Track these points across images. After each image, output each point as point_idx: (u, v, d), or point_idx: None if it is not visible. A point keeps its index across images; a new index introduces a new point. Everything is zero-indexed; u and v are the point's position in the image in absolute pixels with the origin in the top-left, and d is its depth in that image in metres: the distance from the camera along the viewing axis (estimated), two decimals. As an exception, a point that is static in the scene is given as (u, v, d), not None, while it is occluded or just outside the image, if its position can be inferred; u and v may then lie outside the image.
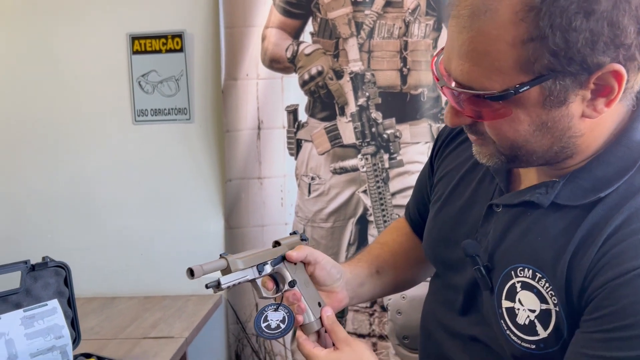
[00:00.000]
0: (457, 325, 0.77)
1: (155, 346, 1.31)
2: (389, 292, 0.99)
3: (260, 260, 0.81)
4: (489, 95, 0.59)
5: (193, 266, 0.72)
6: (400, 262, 0.98)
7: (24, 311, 1.11)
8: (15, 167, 1.81)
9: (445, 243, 0.81)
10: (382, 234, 1.08)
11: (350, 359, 0.74)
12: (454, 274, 0.79)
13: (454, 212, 0.81)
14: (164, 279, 1.80)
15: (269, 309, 0.81)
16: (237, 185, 1.75)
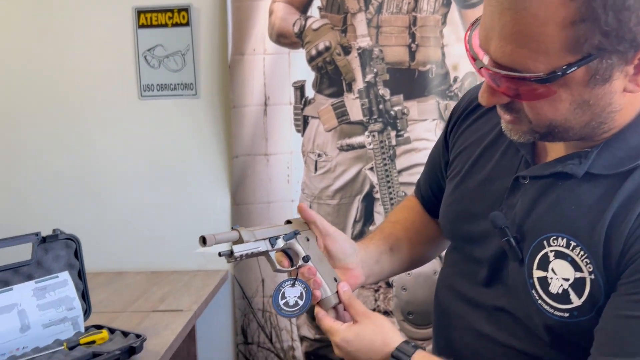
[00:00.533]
0: (480, 297, 0.78)
1: (165, 319, 1.32)
2: (404, 270, 1.00)
3: (272, 234, 0.81)
4: (534, 77, 0.59)
5: (206, 234, 0.73)
6: (413, 239, 0.98)
7: (35, 282, 1.12)
8: (22, 143, 1.80)
9: (467, 217, 0.81)
10: (393, 212, 1.08)
11: (371, 331, 0.75)
12: (475, 247, 0.79)
13: (475, 186, 0.81)
14: (170, 254, 1.81)
15: (285, 284, 0.81)
16: (243, 162, 1.74)
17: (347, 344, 0.75)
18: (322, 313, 0.79)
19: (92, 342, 1.09)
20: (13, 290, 1.08)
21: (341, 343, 0.75)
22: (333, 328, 0.77)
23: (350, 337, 0.75)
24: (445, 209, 0.87)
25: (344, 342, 0.75)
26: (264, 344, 1.80)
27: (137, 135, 1.78)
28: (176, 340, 1.22)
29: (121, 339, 1.13)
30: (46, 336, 1.10)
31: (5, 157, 1.80)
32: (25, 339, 1.07)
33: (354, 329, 0.76)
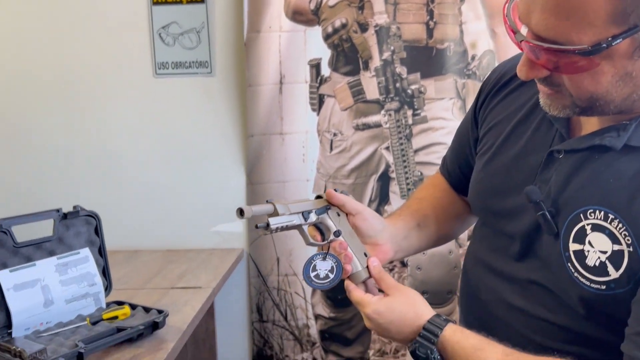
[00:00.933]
0: (512, 271, 0.77)
1: (184, 295, 1.33)
2: (431, 246, 1.00)
3: (305, 208, 0.83)
4: (578, 50, 0.58)
5: (243, 206, 0.74)
6: (440, 216, 0.98)
7: (57, 258, 1.13)
8: (37, 121, 1.80)
9: (498, 192, 0.81)
10: (419, 189, 1.08)
11: (402, 304, 0.75)
12: (507, 222, 0.79)
13: (507, 161, 0.80)
14: (186, 233, 1.81)
15: (317, 258, 0.82)
16: (258, 141, 1.74)
17: (379, 315, 0.75)
18: (352, 286, 0.80)
19: (115, 318, 1.10)
20: (36, 265, 1.09)
21: (372, 315, 0.75)
22: (364, 300, 0.77)
23: (381, 308, 0.75)
24: (475, 185, 0.87)
25: (376, 313, 0.75)
26: (279, 322, 1.81)
27: (152, 113, 1.77)
28: (197, 316, 1.22)
29: (143, 314, 1.14)
30: (69, 311, 1.11)
31: (23, 137, 1.80)
32: (49, 314, 1.08)
33: (385, 301, 0.76)
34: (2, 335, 1.01)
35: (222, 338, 1.82)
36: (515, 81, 0.85)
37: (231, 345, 1.84)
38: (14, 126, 1.80)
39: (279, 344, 1.82)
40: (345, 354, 1.81)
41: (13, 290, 1.03)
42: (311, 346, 1.81)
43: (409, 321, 0.74)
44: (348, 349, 1.81)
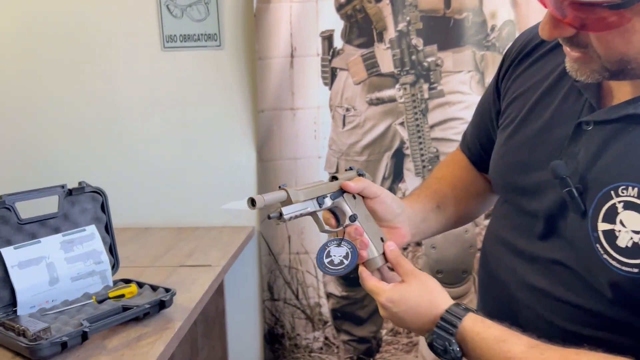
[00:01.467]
0: (535, 250, 0.73)
1: (193, 273, 1.31)
2: (450, 227, 0.96)
3: (319, 193, 0.79)
4: (609, 3, 0.52)
5: (255, 196, 0.71)
6: (460, 196, 0.93)
7: (62, 235, 1.10)
8: (44, 97, 1.77)
9: (521, 168, 0.76)
10: (438, 168, 1.03)
11: (417, 292, 0.71)
12: (530, 199, 0.74)
13: (531, 134, 0.75)
14: (196, 210, 1.79)
15: (331, 244, 0.79)
16: (269, 117, 1.69)
17: (393, 304, 0.71)
18: (366, 273, 0.76)
19: (121, 296, 1.08)
20: (41, 242, 1.07)
21: (386, 303, 0.72)
22: (378, 288, 0.73)
23: (395, 297, 0.71)
24: (496, 161, 0.81)
25: (389, 302, 0.71)
26: (290, 301, 1.79)
27: (160, 88, 1.73)
28: (205, 294, 1.20)
29: (150, 293, 1.12)
30: (75, 289, 1.09)
31: (30, 111, 1.78)
32: (55, 292, 1.06)
33: (400, 289, 0.72)
34: (8, 313, 0.99)
35: (232, 317, 1.80)
36: (540, 49, 0.79)
37: (242, 324, 1.82)
38: (20, 102, 1.77)
39: (290, 323, 1.80)
40: (358, 333, 1.78)
41: (17, 268, 1.01)
42: (323, 325, 1.79)
43: (425, 310, 0.70)
44: (360, 328, 1.78)
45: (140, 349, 0.93)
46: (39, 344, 0.87)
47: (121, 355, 0.91)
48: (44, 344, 0.87)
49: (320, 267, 0.78)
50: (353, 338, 1.78)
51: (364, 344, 1.79)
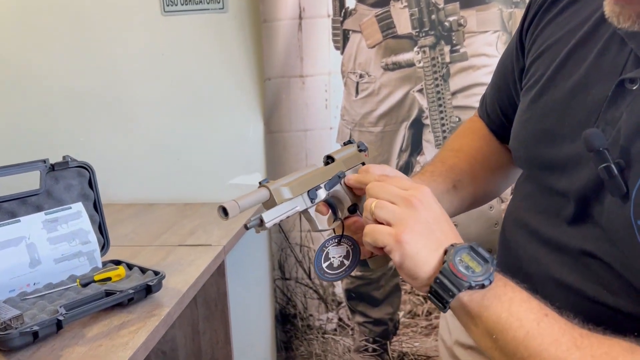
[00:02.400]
0: (563, 237, 0.60)
1: (191, 254, 1.22)
2: (467, 208, 0.83)
3: (311, 184, 0.65)
4: None
5: (226, 202, 0.57)
6: (479, 171, 0.80)
7: (45, 214, 1.02)
8: (41, 65, 1.69)
9: (548, 137, 0.62)
10: (454, 138, 0.89)
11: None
12: (559, 176, 0.61)
13: (560, 96, 0.61)
14: (202, 185, 1.70)
15: (329, 244, 0.67)
16: (276, 85, 1.57)
17: (430, 201, 0.57)
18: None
19: (108, 279, 1.00)
20: (20, 222, 0.99)
21: (423, 199, 0.56)
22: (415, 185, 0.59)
23: (432, 198, 0.58)
24: (518, 129, 0.68)
25: (428, 196, 0.57)
26: (302, 280, 1.70)
27: (161, 55, 1.63)
28: (201, 277, 1.11)
29: (139, 276, 1.04)
30: (59, 272, 1.02)
31: (28, 83, 1.70)
32: (37, 275, 0.99)
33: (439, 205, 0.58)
34: (-16, 297, 0.93)
35: (241, 297, 1.73)
36: None
37: (252, 304, 1.75)
38: (18, 71, 1.70)
39: (302, 303, 1.71)
40: (374, 315, 1.69)
41: (-6, 249, 0.94)
42: (337, 306, 1.70)
43: (453, 232, 0.57)
44: (376, 309, 1.68)
45: (120, 338, 0.85)
46: (8, 334, 0.79)
47: (98, 346, 0.83)
48: (13, 334, 0.79)
49: (318, 275, 0.66)
50: (368, 320, 1.69)
51: (380, 326, 1.69)
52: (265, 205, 0.61)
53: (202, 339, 1.39)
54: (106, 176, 1.64)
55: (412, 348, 1.68)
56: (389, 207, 0.56)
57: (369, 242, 0.58)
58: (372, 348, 1.70)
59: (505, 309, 0.52)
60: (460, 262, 0.53)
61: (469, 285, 0.52)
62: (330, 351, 1.72)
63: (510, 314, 0.52)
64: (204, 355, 1.42)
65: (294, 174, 0.66)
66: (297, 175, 0.65)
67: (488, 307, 0.52)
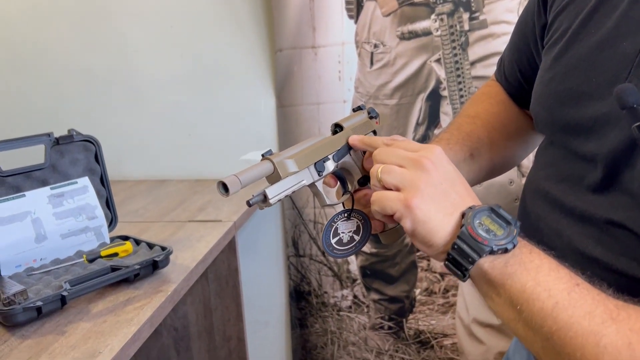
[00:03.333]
0: (588, 207, 0.55)
1: (201, 229, 1.20)
2: (484, 178, 0.78)
3: (318, 155, 0.61)
4: None
5: (226, 178, 0.53)
6: (497, 138, 0.75)
7: (50, 189, 1.00)
8: (52, 38, 1.66)
9: (573, 97, 0.57)
10: (470, 103, 0.84)
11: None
12: (585, 139, 0.56)
13: (587, 51, 0.56)
14: (213, 161, 1.67)
15: (338, 218, 0.63)
16: (288, 56, 1.52)
17: (444, 162, 0.53)
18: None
19: (115, 255, 0.98)
20: (26, 196, 0.97)
21: (436, 159, 0.52)
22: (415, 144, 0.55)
23: (445, 159, 0.54)
24: (540, 90, 0.63)
25: (440, 157, 0.53)
26: (316, 257, 1.67)
27: (169, 27, 1.59)
28: (210, 253, 1.09)
29: (147, 251, 1.02)
30: (66, 247, 1.00)
31: (36, 57, 1.68)
32: (43, 250, 0.97)
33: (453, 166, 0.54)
34: (-9, 272, 0.92)
35: (255, 274, 1.71)
36: None
37: (266, 281, 1.73)
38: (26, 47, 1.68)
39: (316, 280, 1.69)
40: (389, 292, 1.65)
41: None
42: (351, 283, 1.67)
43: (470, 193, 0.53)
44: (392, 287, 1.65)
45: (125, 314, 0.83)
46: (12, 309, 0.78)
47: (103, 322, 0.81)
48: (17, 310, 0.78)
49: (327, 251, 0.63)
50: (384, 297, 1.66)
51: (395, 304, 1.66)
52: (269, 180, 0.58)
53: (214, 315, 1.38)
54: (118, 152, 1.63)
55: (429, 326, 1.64)
56: (396, 171, 0.52)
57: (377, 211, 0.53)
58: (387, 326, 1.67)
59: (532, 278, 0.47)
60: (479, 226, 0.49)
61: (490, 249, 0.48)
62: (345, 328, 1.70)
63: (537, 283, 0.47)
64: (216, 332, 1.41)
65: (300, 144, 0.61)
66: (302, 146, 0.61)
67: (512, 274, 0.48)
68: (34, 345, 0.75)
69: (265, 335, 1.77)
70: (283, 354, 1.78)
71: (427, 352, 1.65)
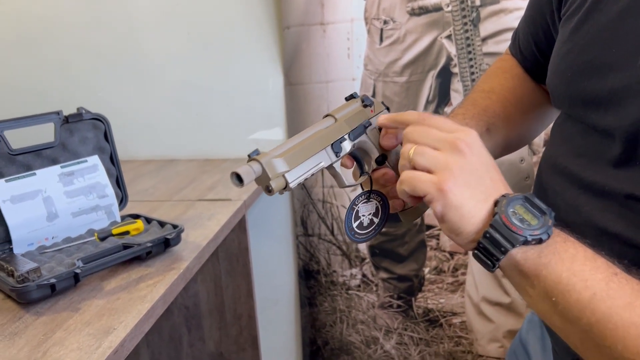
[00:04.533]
0: (608, 181, 0.54)
1: (211, 208, 1.20)
2: (500, 154, 0.76)
3: (334, 136, 0.58)
4: None
5: (240, 169, 0.50)
6: (512, 113, 0.74)
7: (61, 167, 1.00)
8: (58, 17, 1.65)
9: (592, 68, 0.55)
10: (485, 78, 0.82)
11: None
12: (604, 112, 0.54)
13: (606, 21, 0.54)
14: (222, 141, 1.67)
15: (358, 201, 0.62)
16: (296, 34, 1.50)
17: (479, 144, 0.51)
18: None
19: (126, 233, 0.98)
20: (36, 175, 0.97)
21: (471, 141, 0.50)
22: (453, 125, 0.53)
23: (480, 142, 0.52)
24: (557, 63, 0.61)
25: (475, 138, 0.51)
26: (325, 236, 1.67)
27: (175, 5, 1.57)
28: (221, 231, 1.09)
29: (158, 229, 1.02)
30: (77, 225, 1.00)
31: (43, 36, 1.67)
32: (54, 228, 0.97)
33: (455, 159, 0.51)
34: (4, 251, 0.92)
35: (264, 253, 1.72)
36: None
37: (274, 260, 1.74)
38: (33, 26, 1.66)
39: (325, 259, 1.69)
40: (398, 271, 1.66)
41: (10, 203, 0.93)
42: (360, 262, 1.67)
43: (503, 181, 0.52)
44: (401, 266, 1.65)
45: (138, 292, 0.83)
46: (26, 286, 0.78)
47: (116, 299, 0.81)
48: (31, 287, 0.78)
49: (349, 236, 0.62)
50: (393, 276, 1.66)
51: (404, 282, 1.66)
52: (257, 181, 0.54)
53: (225, 293, 1.38)
54: (126, 132, 1.63)
55: (438, 304, 1.65)
56: (430, 153, 0.50)
57: (405, 191, 0.52)
58: (396, 304, 1.68)
59: (567, 268, 0.46)
60: (513, 214, 0.47)
61: (524, 239, 0.46)
62: (354, 307, 1.71)
63: (572, 273, 0.45)
64: (227, 310, 1.42)
65: (291, 140, 0.58)
66: (293, 142, 0.58)
67: (547, 265, 0.46)
68: (48, 321, 0.76)
69: (275, 313, 1.78)
70: (292, 332, 1.80)
71: (435, 330, 1.66)
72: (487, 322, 1.61)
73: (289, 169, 0.54)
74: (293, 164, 0.54)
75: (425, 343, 1.67)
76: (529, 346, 0.82)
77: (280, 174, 0.53)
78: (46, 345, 0.70)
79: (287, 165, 0.54)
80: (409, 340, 1.69)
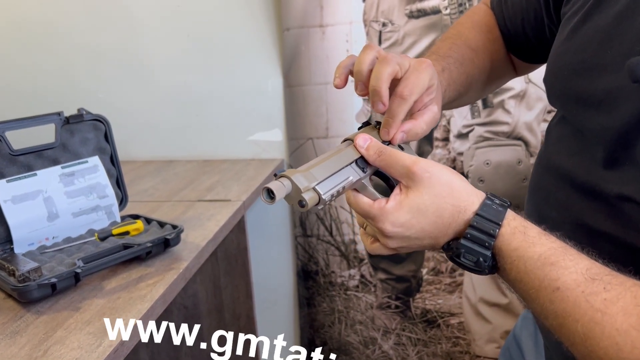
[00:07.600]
0: (598, 181, 0.55)
1: (211, 209, 1.21)
2: (471, 100, 0.80)
3: (356, 154, 0.59)
4: None
5: (271, 184, 0.51)
6: (477, 80, 0.76)
7: (61, 168, 1.01)
8: (60, 19, 1.66)
9: (586, 68, 0.56)
10: (471, 28, 0.79)
11: (434, 197, 0.51)
12: (596, 112, 0.55)
13: (605, 23, 0.55)
14: (221, 142, 1.67)
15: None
16: (295, 36, 1.51)
17: (403, 227, 0.52)
18: (353, 193, 0.56)
19: (126, 233, 0.99)
20: (37, 175, 0.98)
21: (393, 230, 0.52)
22: (375, 209, 0.52)
23: (404, 217, 0.51)
24: (554, 61, 0.62)
25: (398, 226, 0.52)
26: (324, 237, 1.68)
27: (176, 6, 1.58)
28: (220, 232, 1.10)
29: (158, 230, 1.03)
30: (78, 226, 1.01)
31: (45, 38, 1.68)
32: (55, 229, 0.98)
33: (407, 202, 0.51)
34: (5, 250, 0.93)
35: (263, 253, 1.72)
36: None
37: (273, 261, 1.75)
38: (35, 28, 1.67)
39: (324, 260, 1.70)
40: (396, 272, 1.67)
41: (11, 203, 0.93)
42: (358, 263, 1.68)
43: (447, 219, 0.51)
44: (399, 267, 1.66)
45: (138, 291, 0.84)
46: (27, 286, 0.79)
47: (117, 299, 0.82)
48: (32, 286, 0.79)
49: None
50: (391, 277, 1.67)
51: (402, 283, 1.67)
52: (287, 199, 0.54)
53: (224, 293, 1.39)
54: (125, 133, 1.64)
55: (436, 305, 1.66)
56: (366, 242, 0.59)
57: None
58: (394, 305, 1.69)
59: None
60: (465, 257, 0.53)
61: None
62: (352, 307, 1.72)
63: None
64: (225, 310, 1.42)
65: (310, 162, 0.57)
66: (314, 162, 0.57)
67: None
68: (49, 320, 0.77)
69: (274, 313, 1.79)
70: (291, 332, 1.81)
71: (433, 331, 1.67)
72: (485, 323, 1.62)
73: (318, 181, 0.54)
74: (321, 177, 0.54)
75: (423, 343, 1.68)
76: (522, 343, 0.83)
77: (310, 187, 0.53)
78: (47, 344, 0.71)
79: (315, 179, 0.54)
80: (407, 341, 1.69)
